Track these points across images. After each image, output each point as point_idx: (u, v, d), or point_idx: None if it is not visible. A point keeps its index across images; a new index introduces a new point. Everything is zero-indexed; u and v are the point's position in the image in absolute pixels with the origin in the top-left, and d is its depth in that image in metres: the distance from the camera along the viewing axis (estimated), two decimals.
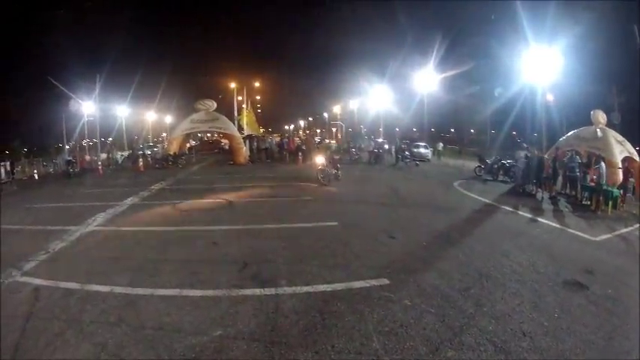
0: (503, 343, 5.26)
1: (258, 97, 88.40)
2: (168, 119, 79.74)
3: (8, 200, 22.14)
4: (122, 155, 47.28)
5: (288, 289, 6.98)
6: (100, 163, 39.29)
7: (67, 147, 58.15)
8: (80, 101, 52.45)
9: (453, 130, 72.47)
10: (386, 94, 58.50)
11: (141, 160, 37.32)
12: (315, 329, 5.61)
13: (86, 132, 55.94)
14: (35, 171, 37.76)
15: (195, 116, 40.39)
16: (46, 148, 69.91)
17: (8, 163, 40.54)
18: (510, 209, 14.93)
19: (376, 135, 56.02)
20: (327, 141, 47.28)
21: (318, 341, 5.31)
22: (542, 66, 26.59)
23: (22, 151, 63.18)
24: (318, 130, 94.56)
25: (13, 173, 40.62)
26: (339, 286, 7.13)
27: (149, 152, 46.75)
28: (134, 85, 60.46)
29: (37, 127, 71.27)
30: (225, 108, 51.60)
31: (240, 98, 58.22)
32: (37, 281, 8.18)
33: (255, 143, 42.46)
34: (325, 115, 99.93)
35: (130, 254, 9.65)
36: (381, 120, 60.20)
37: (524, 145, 23.72)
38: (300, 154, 35.65)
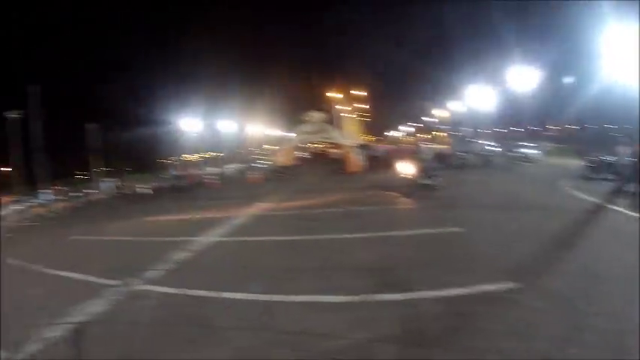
0: (621, 341, 5.17)
1: (361, 105, 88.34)
2: (272, 131, 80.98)
3: (123, 213, 23.40)
4: (231, 168, 48.64)
5: (422, 294, 7.01)
6: (214, 176, 40.59)
7: (174, 162, 60.86)
8: (181, 117, 54.66)
9: (555, 127, 70.09)
10: (488, 94, 57.63)
11: (254, 172, 38.36)
12: (449, 331, 5.69)
13: (187, 147, 58.34)
14: (148, 186, 39.73)
15: (303, 127, 41.15)
16: (149, 165, 73.55)
17: (117, 180, 43.40)
18: (617, 208, 14.31)
19: (481, 137, 55.24)
20: (435, 146, 46.42)
21: (453, 342, 5.39)
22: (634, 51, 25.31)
23: (125, 168, 66.75)
24: (426, 136, 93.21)
25: (120, 189, 43.43)
26: (467, 290, 7.10)
27: (260, 165, 47.90)
28: (236, 98, 62.00)
29: (139, 145, 74.91)
30: (330, 117, 52.22)
31: (343, 107, 58.73)
32: (167, 289, 8.75)
33: (366, 152, 42.71)
34: (432, 119, 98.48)
35: (258, 262, 10.13)
36: (485, 121, 59.37)
37: (623, 140, 22.60)
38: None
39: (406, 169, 21.37)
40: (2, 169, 73.77)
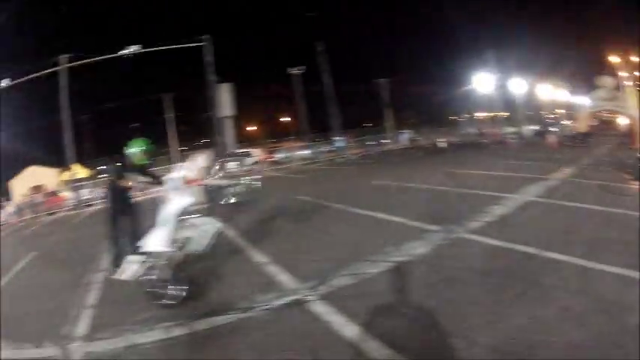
0: None
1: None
2: (562, 94, 77.14)
3: (423, 163, 24.03)
4: (527, 130, 47.87)
5: None
6: (511, 136, 40.46)
7: (467, 118, 61.41)
8: (475, 74, 54.76)
9: None
10: None
11: (549, 136, 37.36)
12: None
13: (479, 104, 58.23)
14: (443, 139, 40.80)
15: (597, 93, 38.64)
16: (440, 120, 75.46)
17: (410, 132, 45.84)
18: None
19: None
20: None
21: None
22: None
23: (418, 122, 69.44)
24: None
25: (415, 141, 45.70)
26: None
27: (554, 129, 46.37)
28: (527, 57, 60.19)
29: (434, 101, 77.13)
30: (618, 84, 48.19)
31: (627, 74, 53.92)
32: (490, 241, 9.10)
33: None
34: None
35: (571, 227, 9.71)
36: None
37: None
38: None
39: None
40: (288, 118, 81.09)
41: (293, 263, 8.97)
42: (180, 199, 8.15)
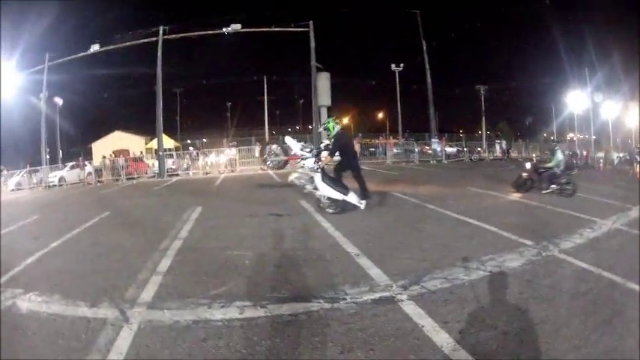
0: None
1: None
2: None
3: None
4: (618, 157, 46.43)
5: None
6: (601, 160, 39.65)
7: (561, 137, 60.38)
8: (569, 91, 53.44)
9: None
10: None
11: (637, 165, 36.36)
12: None
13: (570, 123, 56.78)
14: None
15: None
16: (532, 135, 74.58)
17: (504, 142, 45.69)
18: None
19: None
20: None
21: None
22: None
23: (511, 134, 68.98)
24: None
25: (508, 152, 45.40)
26: None
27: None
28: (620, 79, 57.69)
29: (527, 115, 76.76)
30: None
31: None
32: (576, 262, 9.14)
33: None
34: None
35: None
36: None
37: None
38: None
39: None
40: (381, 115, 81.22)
41: None
42: None
